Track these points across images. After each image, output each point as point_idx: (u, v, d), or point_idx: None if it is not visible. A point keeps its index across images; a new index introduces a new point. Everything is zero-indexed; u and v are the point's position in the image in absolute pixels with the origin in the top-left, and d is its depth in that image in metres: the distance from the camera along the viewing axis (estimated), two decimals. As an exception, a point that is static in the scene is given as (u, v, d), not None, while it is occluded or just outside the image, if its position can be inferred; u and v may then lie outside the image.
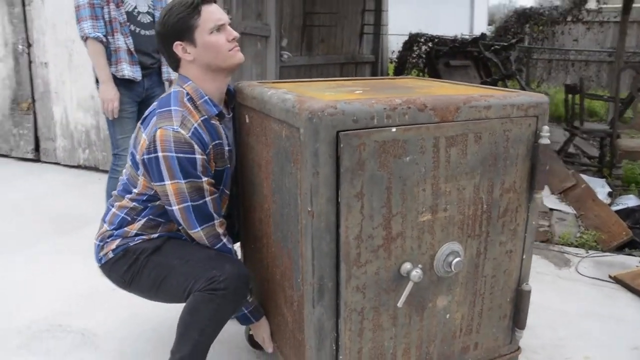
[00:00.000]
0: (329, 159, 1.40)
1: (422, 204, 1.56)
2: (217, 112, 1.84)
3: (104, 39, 3.01)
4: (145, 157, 1.74)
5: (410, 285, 1.55)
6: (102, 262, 1.94)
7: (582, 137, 6.03)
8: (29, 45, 5.64)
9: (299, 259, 1.56)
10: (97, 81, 3.12)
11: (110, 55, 3.07)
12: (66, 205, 4.28)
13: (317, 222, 1.43)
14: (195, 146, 1.72)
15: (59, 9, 5.20)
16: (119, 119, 3.13)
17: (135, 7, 3.13)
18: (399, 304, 1.56)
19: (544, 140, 1.73)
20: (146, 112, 1.85)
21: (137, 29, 3.13)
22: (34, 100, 5.76)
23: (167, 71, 3.29)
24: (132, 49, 3.10)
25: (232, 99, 2.00)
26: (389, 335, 1.63)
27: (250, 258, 2.13)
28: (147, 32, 3.15)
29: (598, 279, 3.06)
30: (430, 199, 1.57)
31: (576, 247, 3.54)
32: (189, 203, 1.74)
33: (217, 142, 1.83)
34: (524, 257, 1.86)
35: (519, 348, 1.99)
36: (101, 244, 1.94)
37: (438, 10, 16.27)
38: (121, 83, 3.11)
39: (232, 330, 2.38)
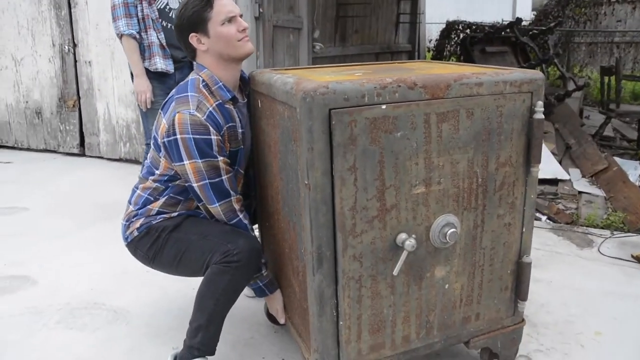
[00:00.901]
0: (322, 135, 1.51)
1: (415, 177, 1.65)
2: (230, 97, 1.98)
3: (137, 36, 3.24)
4: (165, 139, 1.89)
5: (404, 255, 1.64)
6: (129, 240, 2.11)
7: (619, 119, 5.92)
8: (75, 45, 5.94)
9: (301, 230, 1.68)
10: (132, 75, 3.36)
11: (144, 50, 3.30)
12: (108, 195, 4.53)
13: (313, 195, 1.55)
14: (211, 128, 1.86)
15: (101, 9, 5.46)
16: (152, 110, 3.32)
17: (167, 4, 3.35)
18: (395, 272, 1.65)
19: (539, 115, 1.79)
20: (166, 99, 2.00)
21: (169, 25, 3.33)
22: (79, 98, 6.07)
23: None
24: (164, 44, 3.32)
25: (247, 86, 2.13)
26: (388, 303, 1.73)
27: (266, 234, 2.26)
28: None
29: (620, 258, 3.07)
30: (424, 172, 1.66)
31: (602, 228, 3.54)
32: (207, 180, 1.89)
33: (230, 124, 1.96)
34: (523, 230, 1.92)
35: (523, 320, 2.05)
36: (127, 223, 2.10)
37: (479, -3, 16.07)
38: (154, 76, 3.34)
39: (253, 307, 2.53)
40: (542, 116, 1.80)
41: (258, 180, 2.20)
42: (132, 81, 3.37)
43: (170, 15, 3.36)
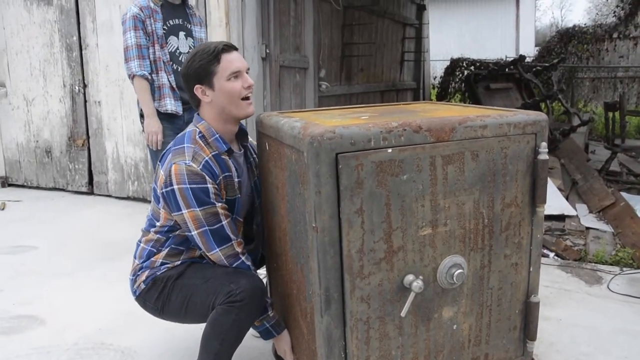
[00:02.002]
0: (329, 178, 1.54)
1: (421, 219, 1.67)
2: (226, 149, 2.02)
3: (149, 77, 3.31)
4: (163, 190, 1.93)
5: (412, 296, 1.65)
6: (137, 294, 2.13)
7: (625, 154, 5.94)
8: (85, 86, 6.06)
9: (309, 272, 1.69)
10: (141, 115, 3.41)
11: (154, 91, 3.37)
12: (116, 233, 4.55)
13: (321, 237, 1.57)
14: (207, 177, 1.90)
15: (111, 51, 5.59)
16: (162, 150, 3.36)
17: (178, 48, 3.44)
18: (402, 314, 1.66)
19: (543, 156, 1.82)
20: (163, 152, 2.05)
21: (179, 68, 3.39)
22: (88, 137, 6.15)
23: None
24: (175, 86, 3.39)
25: (245, 137, 2.20)
26: (396, 344, 1.73)
27: (274, 276, 2.27)
28: None
29: (630, 295, 3.05)
30: (430, 214, 1.68)
31: (610, 265, 3.52)
32: (206, 227, 1.92)
33: (226, 174, 2.00)
34: (530, 269, 1.93)
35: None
36: (134, 277, 2.13)
37: (483, 33, 16.31)
38: (164, 117, 3.38)
39: (261, 347, 2.52)
40: (547, 157, 1.82)
41: (266, 222, 2.23)
42: (141, 121, 3.42)
43: (180, 59, 3.44)
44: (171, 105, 3.40)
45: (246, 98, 2.04)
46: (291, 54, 5.38)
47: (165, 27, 3.38)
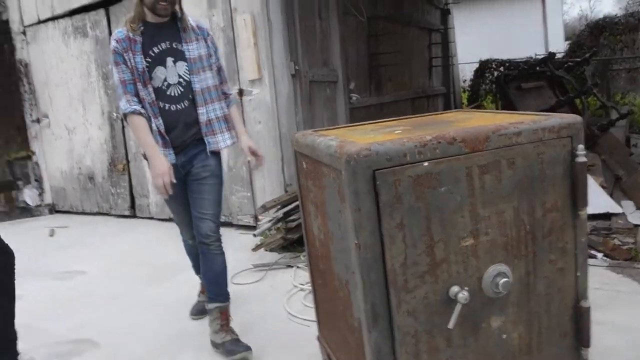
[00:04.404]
0: (368, 195, 1.56)
1: (462, 230, 1.67)
2: None
3: (143, 111, 2.73)
4: None
5: (458, 307, 1.66)
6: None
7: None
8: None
9: (354, 289, 1.71)
10: (144, 156, 2.85)
11: None
12: (160, 255, 4.66)
13: (364, 254, 1.59)
14: None
15: (144, 78, 5.73)
16: (175, 198, 2.88)
17: (165, 80, 2.80)
18: (450, 326, 1.66)
19: (581, 159, 1.80)
20: None
21: (167, 106, 2.80)
22: (128, 162, 6.32)
23: (212, 142, 2.90)
24: (163, 131, 2.80)
25: None
26: (445, 357, 1.73)
27: (320, 292, 2.30)
28: (178, 106, 2.82)
29: (684, 293, 2.97)
30: (470, 224, 1.68)
31: (662, 262, 3.44)
32: None
33: None
34: (578, 274, 1.90)
35: (586, 365, 2.01)
36: None
37: (510, 33, 16.12)
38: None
39: None
40: (585, 159, 1.81)
41: (308, 240, 2.26)
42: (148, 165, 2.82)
43: (169, 92, 2.80)
44: (168, 156, 2.80)
45: None
46: (320, 68, 5.44)
47: (148, 58, 2.76)
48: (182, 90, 2.82)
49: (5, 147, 8.45)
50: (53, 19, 6.75)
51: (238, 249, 4.44)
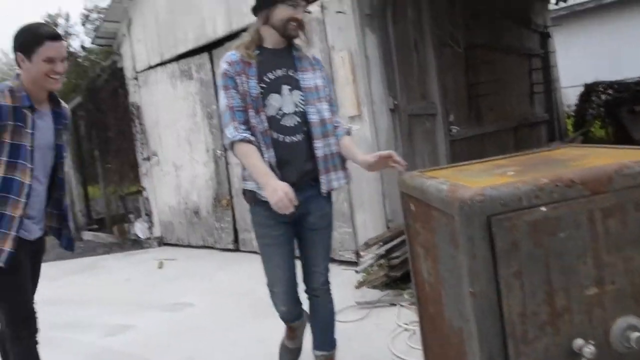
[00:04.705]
0: (483, 242, 1.52)
1: (585, 278, 1.58)
2: (28, 104, 2.45)
3: (253, 139, 2.48)
4: None
5: (584, 361, 1.56)
6: None
7: None
8: (225, 150, 6.50)
9: (469, 338, 1.66)
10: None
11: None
12: (262, 290, 4.75)
13: (479, 302, 1.54)
14: None
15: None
16: (262, 247, 2.70)
17: (280, 109, 2.57)
18: (575, 380, 1.57)
19: None
20: None
21: (280, 137, 2.55)
22: (231, 197, 6.55)
23: (326, 181, 2.64)
24: (275, 164, 2.52)
25: (57, 104, 2.64)
26: (569, 413, 1.63)
27: (429, 337, 2.24)
28: (294, 138, 2.57)
29: None
30: (594, 272, 1.59)
31: None
32: None
33: (18, 123, 2.42)
34: None
35: None
36: None
37: (618, 51, 15.27)
38: (262, 203, 2.52)
39: None
40: None
41: (416, 283, 2.22)
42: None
43: (282, 123, 2.57)
44: None
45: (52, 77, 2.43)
46: (418, 102, 5.42)
47: (262, 84, 2.55)
48: (299, 121, 2.58)
49: (120, 183, 9.08)
50: (162, 64, 7.22)
51: (340, 286, 4.44)
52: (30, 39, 2.43)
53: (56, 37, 2.48)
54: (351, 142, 2.73)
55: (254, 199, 2.57)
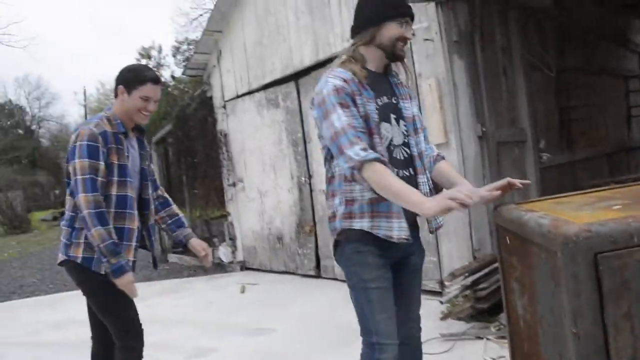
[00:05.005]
0: (589, 280, 1.44)
1: None
2: (124, 130, 2.70)
3: (386, 159, 2.14)
4: (69, 146, 2.74)
5: None
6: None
7: None
8: (310, 177, 6.58)
9: (572, 380, 1.57)
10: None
11: (360, 207, 2.24)
12: (343, 318, 4.73)
13: (584, 344, 1.46)
14: (100, 139, 2.61)
15: (331, 143, 6.02)
16: (371, 293, 2.27)
17: (391, 140, 2.29)
18: None
19: None
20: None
21: (395, 170, 2.21)
22: (315, 223, 6.60)
23: (434, 218, 2.32)
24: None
25: (142, 132, 2.90)
26: None
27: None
28: (406, 172, 2.28)
29: None
30: None
31: None
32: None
33: (119, 146, 2.67)
34: None
35: None
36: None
37: None
38: (374, 242, 2.22)
39: None
40: None
41: (510, 318, 2.14)
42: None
43: (394, 155, 2.28)
44: (395, 229, 2.19)
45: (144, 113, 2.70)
46: (507, 128, 5.27)
47: (377, 108, 2.26)
48: (408, 153, 2.32)
49: (205, 208, 9.38)
50: (249, 93, 7.45)
51: (424, 316, 4.32)
52: (135, 77, 2.70)
53: (157, 81, 2.76)
54: (450, 167, 2.47)
55: (363, 239, 2.22)
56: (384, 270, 2.27)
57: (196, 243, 3.02)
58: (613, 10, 7.76)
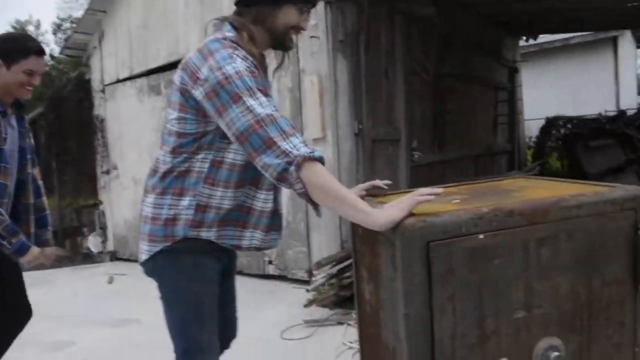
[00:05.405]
0: (421, 267, 1.58)
1: (515, 303, 1.66)
2: (1, 109, 2.47)
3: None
4: None
5: (509, 382, 1.62)
6: None
7: None
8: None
9: (401, 357, 1.71)
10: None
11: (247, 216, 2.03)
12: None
13: (413, 324, 1.60)
14: None
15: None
16: (199, 308, 2.05)
17: None
18: (499, 401, 1.63)
19: (644, 233, 1.76)
20: None
21: None
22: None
23: None
24: (271, 209, 2.08)
25: (22, 109, 2.66)
26: None
27: (368, 356, 2.27)
28: None
29: None
30: (523, 297, 1.67)
31: None
32: None
33: None
34: (636, 349, 1.83)
35: None
36: None
37: (580, 89, 15.77)
38: (216, 254, 2.02)
39: None
40: (647, 234, 1.77)
41: (359, 303, 2.27)
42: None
43: None
44: (245, 239, 2.03)
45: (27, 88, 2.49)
46: (383, 127, 5.52)
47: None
48: None
49: (75, 196, 8.96)
50: (131, 78, 7.22)
51: (291, 304, 4.48)
52: (17, 49, 2.46)
53: (42, 53, 2.54)
54: None
55: (206, 249, 1.97)
56: (217, 285, 2.05)
57: (49, 252, 2.79)
58: (489, 25, 8.36)
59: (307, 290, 4.44)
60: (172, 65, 6.59)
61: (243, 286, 4.86)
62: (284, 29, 1.97)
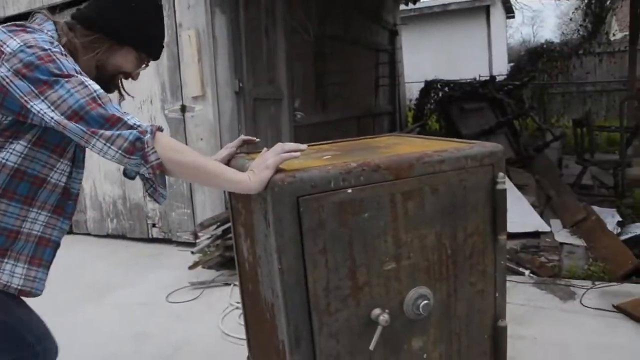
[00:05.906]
0: (292, 221, 1.59)
1: (385, 254, 1.72)
2: None
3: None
4: None
5: (379, 329, 1.70)
6: None
7: (599, 168, 6.09)
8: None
9: (279, 312, 1.74)
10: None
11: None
12: (97, 273, 4.56)
13: (287, 278, 1.62)
14: None
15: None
16: None
17: None
18: (371, 347, 1.70)
19: (501, 186, 1.89)
20: None
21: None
22: (67, 177, 6.16)
23: None
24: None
25: None
26: (368, 378, 1.77)
27: (249, 313, 2.31)
28: None
29: (601, 309, 3.12)
30: (393, 249, 1.74)
31: (583, 279, 3.60)
32: None
33: None
34: (497, 295, 1.98)
35: (505, 383, 2.09)
36: None
37: (457, 54, 16.58)
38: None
39: None
40: (505, 187, 1.90)
41: (239, 261, 2.27)
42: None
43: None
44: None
45: None
46: (265, 86, 5.47)
47: None
48: None
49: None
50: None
51: (176, 267, 4.40)
52: None
53: None
54: None
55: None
56: None
57: None
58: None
59: (192, 253, 4.37)
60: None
61: (127, 250, 4.75)
62: (115, 71, 1.78)
